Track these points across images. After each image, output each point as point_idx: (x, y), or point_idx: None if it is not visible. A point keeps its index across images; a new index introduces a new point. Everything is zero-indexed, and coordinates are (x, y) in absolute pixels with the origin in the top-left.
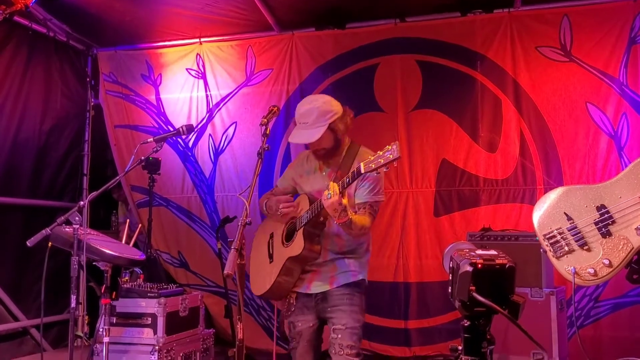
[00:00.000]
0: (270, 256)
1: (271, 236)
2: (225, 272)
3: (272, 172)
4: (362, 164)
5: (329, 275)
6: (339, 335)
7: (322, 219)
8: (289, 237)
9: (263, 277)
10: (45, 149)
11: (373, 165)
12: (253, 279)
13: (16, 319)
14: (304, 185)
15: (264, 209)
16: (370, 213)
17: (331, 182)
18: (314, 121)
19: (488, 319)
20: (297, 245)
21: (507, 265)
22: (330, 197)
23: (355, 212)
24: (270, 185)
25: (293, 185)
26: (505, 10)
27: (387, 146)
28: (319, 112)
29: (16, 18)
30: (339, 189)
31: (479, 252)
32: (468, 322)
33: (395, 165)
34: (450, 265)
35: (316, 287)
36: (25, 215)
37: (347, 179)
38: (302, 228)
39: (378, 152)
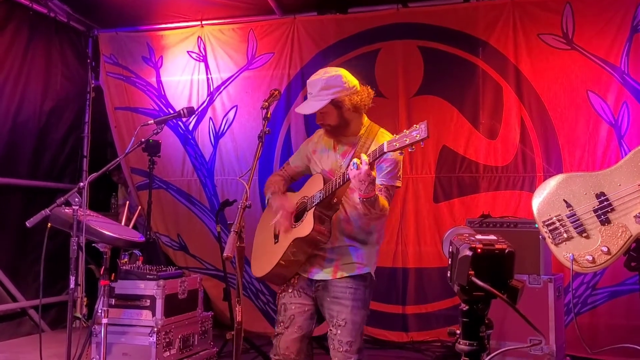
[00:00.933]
0: (276, 236)
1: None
2: (224, 254)
3: (272, 156)
4: (385, 143)
5: (333, 263)
6: (339, 331)
7: (335, 200)
8: (298, 218)
9: (266, 259)
10: (45, 130)
11: (397, 144)
12: (254, 260)
13: (15, 300)
14: (317, 162)
15: (267, 191)
16: (386, 197)
17: (362, 154)
18: (317, 93)
19: (487, 304)
20: (307, 225)
21: (506, 250)
22: (358, 168)
23: None
24: (270, 170)
25: (307, 163)
26: None
27: (415, 125)
28: (323, 84)
29: None
30: (370, 160)
31: (479, 236)
32: (467, 307)
33: (422, 145)
34: (450, 249)
35: (318, 273)
36: (25, 196)
37: (370, 157)
38: (314, 208)
39: (404, 130)
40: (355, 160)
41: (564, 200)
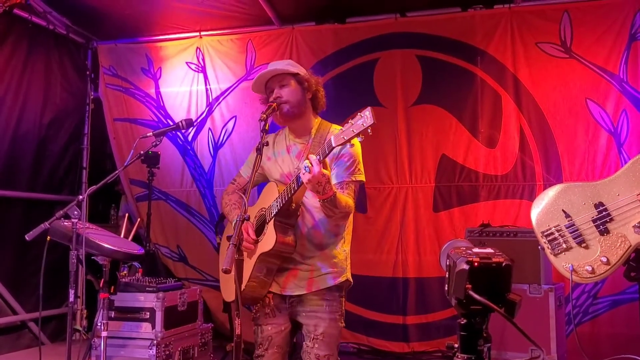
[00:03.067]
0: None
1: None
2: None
3: None
4: (332, 137)
5: (307, 276)
6: (316, 345)
7: (293, 206)
8: (259, 231)
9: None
10: (44, 142)
11: (344, 137)
12: (223, 284)
13: (15, 313)
14: (272, 169)
15: (225, 210)
16: (349, 194)
17: (310, 155)
18: (284, 65)
19: (484, 317)
20: (269, 239)
21: (503, 264)
22: (310, 171)
23: None
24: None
25: (260, 171)
26: (506, 5)
27: (359, 113)
28: (290, 62)
29: (16, 11)
30: (320, 159)
31: (476, 250)
32: (464, 320)
33: (370, 133)
34: (447, 263)
35: (291, 289)
36: (25, 209)
37: (319, 155)
38: (273, 219)
39: (349, 120)
40: (305, 162)
41: (562, 210)
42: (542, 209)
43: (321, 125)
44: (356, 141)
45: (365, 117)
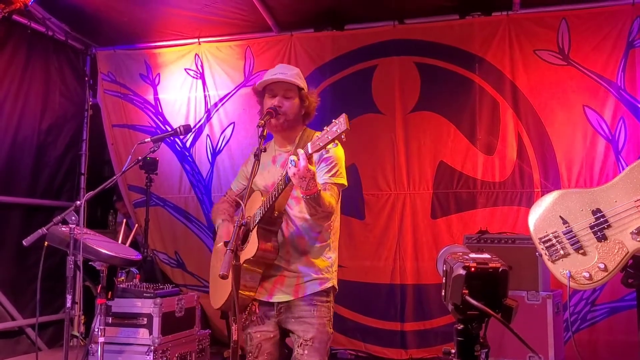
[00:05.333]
0: None
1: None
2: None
3: None
4: (309, 145)
5: (293, 282)
6: (306, 351)
7: (276, 213)
8: (244, 239)
9: (220, 288)
10: (43, 148)
11: (320, 144)
12: (212, 291)
13: (13, 318)
14: (258, 181)
15: (212, 216)
16: (332, 195)
17: (298, 149)
18: (292, 75)
19: (481, 323)
20: (252, 246)
21: (500, 269)
22: (297, 165)
23: None
24: None
25: (245, 183)
26: (504, 13)
27: (334, 120)
28: (298, 72)
29: (15, 17)
30: (309, 153)
31: (472, 255)
32: (461, 326)
33: (344, 138)
34: (444, 268)
35: (279, 296)
36: (24, 214)
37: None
38: (256, 227)
39: (325, 127)
40: (292, 157)
41: (560, 216)
42: (539, 215)
43: (304, 132)
44: (339, 146)
45: (339, 124)
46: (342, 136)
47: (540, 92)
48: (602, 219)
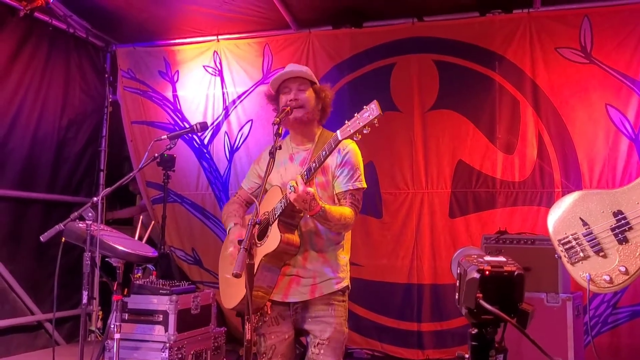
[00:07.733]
0: None
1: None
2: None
3: None
4: (338, 131)
5: (309, 282)
6: (322, 351)
7: (297, 206)
8: (261, 235)
9: (235, 287)
10: (63, 144)
11: (351, 130)
12: (223, 291)
13: (32, 313)
14: (273, 178)
15: (222, 218)
16: (353, 203)
17: (297, 175)
18: (305, 71)
19: (496, 327)
20: (273, 239)
21: (515, 273)
22: (295, 190)
23: (335, 204)
24: None
25: (259, 182)
26: (525, 10)
27: (365, 106)
28: (308, 70)
29: (37, 14)
30: (304, 178)
31: (487, 258)
32: (475, 330)
33: (377, 124)
34: (458, 271)
35: (295, 295)
36: (43, 210)
37: (314, 164)
38: (277, 220)
39: (355, 114)
40: (290, 183)
41: (580, 218)
42: (559, 216)
43: (323, 133)
44: (357, 148)
45: (371, 110)
46: (375, 122)
47: (562, 91)
48: (623, 221)
